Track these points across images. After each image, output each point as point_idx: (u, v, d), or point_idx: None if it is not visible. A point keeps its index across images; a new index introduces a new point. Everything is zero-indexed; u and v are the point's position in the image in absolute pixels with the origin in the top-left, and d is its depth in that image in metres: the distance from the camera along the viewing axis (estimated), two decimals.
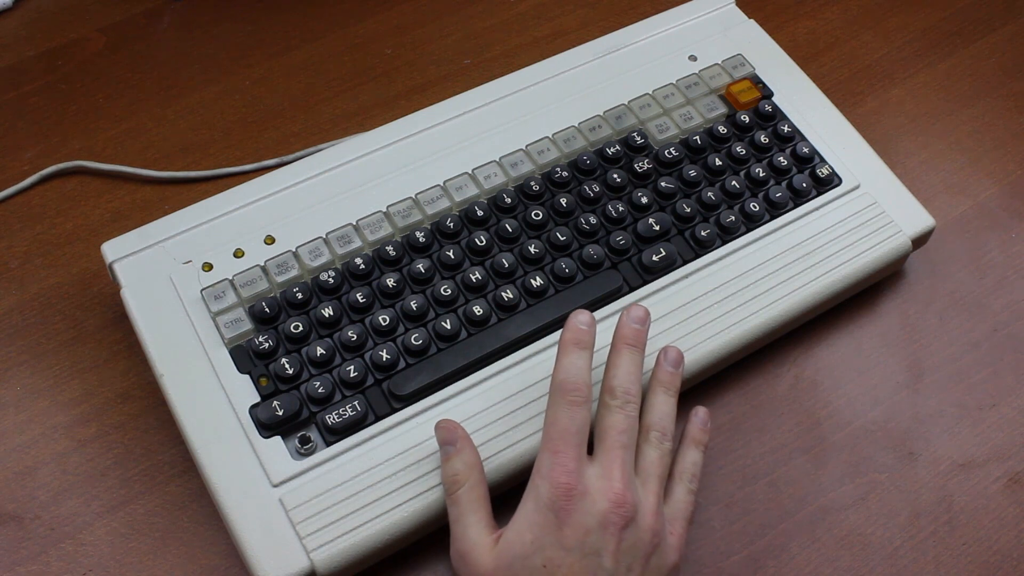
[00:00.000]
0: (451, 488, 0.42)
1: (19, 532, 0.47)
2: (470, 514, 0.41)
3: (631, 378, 0.43)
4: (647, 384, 0.47)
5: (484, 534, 0.41)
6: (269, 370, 0.47)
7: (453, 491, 0.42)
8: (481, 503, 0.42)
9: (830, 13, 0.73)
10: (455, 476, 0.42)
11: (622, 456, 0.41)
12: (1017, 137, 0.66)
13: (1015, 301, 0.58)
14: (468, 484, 0.42)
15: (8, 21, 0.69)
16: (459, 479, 0.42)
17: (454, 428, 0.44)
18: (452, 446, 0.43)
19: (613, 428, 0.42)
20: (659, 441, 0.44)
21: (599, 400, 0.44)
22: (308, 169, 0.54)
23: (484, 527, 0.41)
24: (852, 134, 0.59)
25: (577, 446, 0.41)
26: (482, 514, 0.42)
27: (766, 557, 0.48)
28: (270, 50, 0.68)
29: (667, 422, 0.45)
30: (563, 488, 0.39)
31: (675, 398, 0.46)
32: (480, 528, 0.41)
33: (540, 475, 0.40)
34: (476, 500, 0.42)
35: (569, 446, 0.40)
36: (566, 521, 0.39)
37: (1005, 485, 0.51)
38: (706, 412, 0.48)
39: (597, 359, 0.46)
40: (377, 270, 0.51)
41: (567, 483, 0.39)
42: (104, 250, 0.51)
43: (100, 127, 0.63)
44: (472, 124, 0.57)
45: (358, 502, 0.44)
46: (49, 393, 0.52)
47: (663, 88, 0.59)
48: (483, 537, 0.41)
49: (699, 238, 0.53)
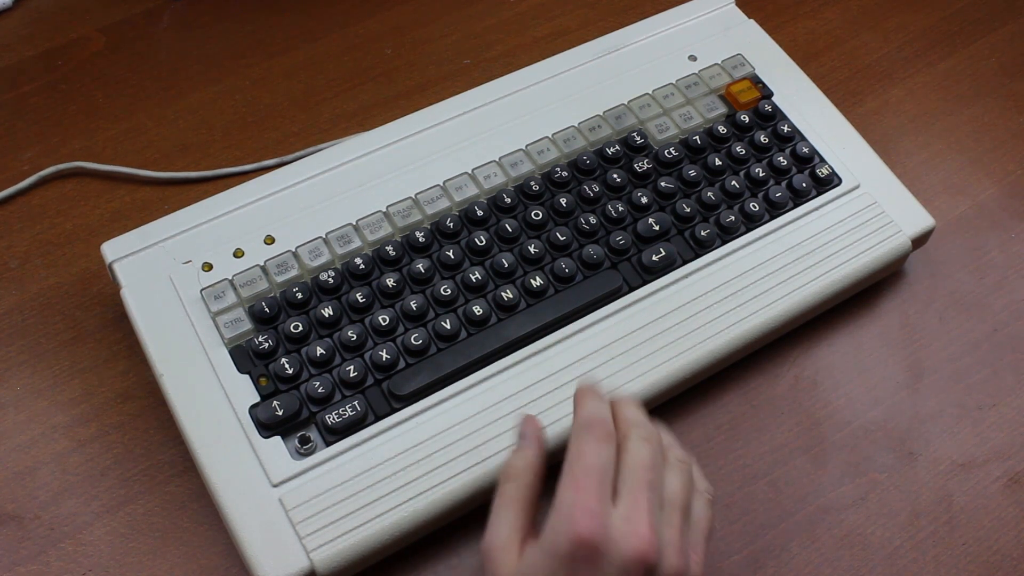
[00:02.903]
0: (503, 479, 0.42)
1: (19, 532, 0.47)
2: (508, 511, 0.41)
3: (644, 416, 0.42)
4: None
5: (515, 536, 0.40)
6: (269, 370, 0.47)
7: (503, 482, 0.42)
8: (523, 504, 0.41)
9: (830, 13, 0.73)
10: (510, 470, 0.42)
11: (649, 497, 0.39)
12: (1017, 137, 0.66)
13: (1015, 301, 0.58)
14: (519, 482, 0.41)
15: (8, 21, 0.69)
16: (513, 474, 0.42)
17: (533, 426, 0.43)
18: (524, 440, 0.43)
19: (640, 464, 0.39)
20: (680, 463, 0.41)
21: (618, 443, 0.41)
22: (308, 169, 0.54)
23: (517, 528, 0.40)
24: (852, 134, 0.59)
25: (601, 483, 0.38)
26: (520, 514, 0.41)
27: (766, 557, 0.48)
28: (270, 50, 0.68)
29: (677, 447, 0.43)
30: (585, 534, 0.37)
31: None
32: (513, 528, 0.40)
33: (560, 513, 0.38)
34: (520, 500, 0.41)
35: (594, 483, 0.38)
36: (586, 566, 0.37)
37: (1005, 485, 0.51)
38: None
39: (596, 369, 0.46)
40: (377, 270, 0.51)
41: (590, 528, 0.37)
42: (104, 250, 0.51)
43: (100, 127, 0.63)
44: (472, 124, 0.57)
45: (358, 502, 0.44)
46: (49, 393, 0.52)
47: (663, 88, 0.59)
48: (513, 539, 0.40)
49: (699, 238, 0.53)
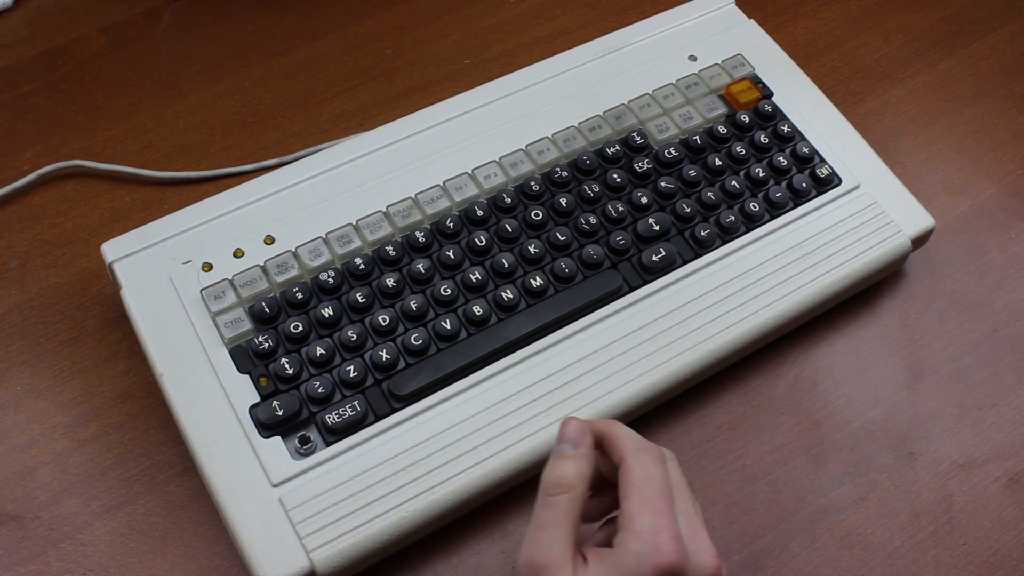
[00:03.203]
0: (553, 490, 0.39)
1: (19, 532, 0.47)
2: (561, 526, 0.38)
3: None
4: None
5: (568, 554, 0.38)
6: (269, 370, 0.47)
7: (555, 493, 0.39)
8: (575, 518, 0.39)
9: (830, 13, 0.73)
10: (563, 480, 0.39)
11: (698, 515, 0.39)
12: (1017, 137, 0.66)
13: (1015, 301, 0.58)
14: (572, 494, 0.39)
15: (8, 21, 0.69)
16: (567, 484, 0.39)
17: (584, 432, 0.40)
18: (574, 448, 0.40)
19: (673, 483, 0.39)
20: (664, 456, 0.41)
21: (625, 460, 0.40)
22: (308, 169, 0.54)
23: (570, 545, 0.38)
24: (852, 134, 0.59)
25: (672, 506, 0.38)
26: (573, 529, 0.39)
27: (766, 557, 0.48)
28: (270, 50, 0.68)
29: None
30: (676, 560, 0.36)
31: None
32: (566, 545, 0.38)
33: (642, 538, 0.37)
34: (573, 513, 0.39)
35: (669, 507, 0.38)
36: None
37: (1005, 485, 0.51)
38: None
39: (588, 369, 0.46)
40: (377, 270, 0.51)
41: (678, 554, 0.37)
42: (104, 250, 0.51)
43: (100, 127, 0.63)
44: (472, 124, 0.57)
45: (358, 502, 0.44)
46: (49, 393, 0.52)
47: (663, 88, 0.59)
48: (567, 557, 0.38)
49: (699, 238, 0.53)
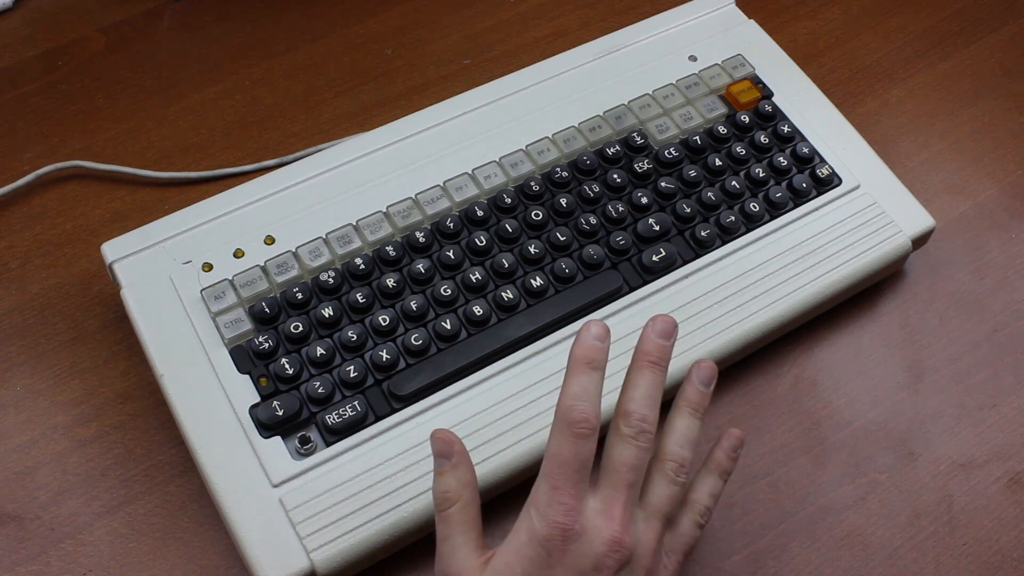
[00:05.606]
0: (442, 505, 0.40)
1: (19, 532, 0.47)
2: (460, 535, 0.39)
3: (650, 403, 0.40)
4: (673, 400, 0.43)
5: (473, 557, 0.39)
6: (269, 370, 0.47)
7: (444, 508, 0.40)
8: (472, 524, 0.40)
9: (830, 13, 0.73)
10: (447, 494, 0.40)
11: (627, 495, 0.39)
12: (1017, 137, 0.66)
13: (1015, 301, 0.58)
14: (461, 503, 0.40)
15: (8, 21, 0.69)
16: (452, 497, 0.40)
17: (451, 441, 0.40)
18: (448, 460, 0.40)
19: (623, 464, 0.39)
20: (675, 474, 0.41)
21: (612, 421, 0.40)
22: (308, 169, 0.54)
23: (474, 549, 0.39)
24: (852, 134, 0.59)
25: (578, 482, 0.38)
26: (473, 535, 0.40)
27: (766, 557, 0.48)
28: (270, 50, 0.68)
29: (687, 451, 0.41)
30: (559, 528, 0.37)
31: (701, 421, 0.42)
32: (470, 550, 0.39)
33: (536, 507, 0.38)
34: (468, 521, 0.40)
35: (569, 482, 0.38)
36: (559, 561, 0.37)
37: (1005, 485, 0.51)
38: (740, 437, 0.44)
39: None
40: (377, 270, 0.51)
41: (564, 523, 0.37)
42: (104, 250, 0.51)
43: (100, 127, 0.63)
44: (472, 124, 0.57)
45: (358, 502, 0.44)
46: (49, 393, 0.52)
47: (663, 88, 0.59)
48: (472, 560, 0.39)
49: (699, 238, 0.53)
